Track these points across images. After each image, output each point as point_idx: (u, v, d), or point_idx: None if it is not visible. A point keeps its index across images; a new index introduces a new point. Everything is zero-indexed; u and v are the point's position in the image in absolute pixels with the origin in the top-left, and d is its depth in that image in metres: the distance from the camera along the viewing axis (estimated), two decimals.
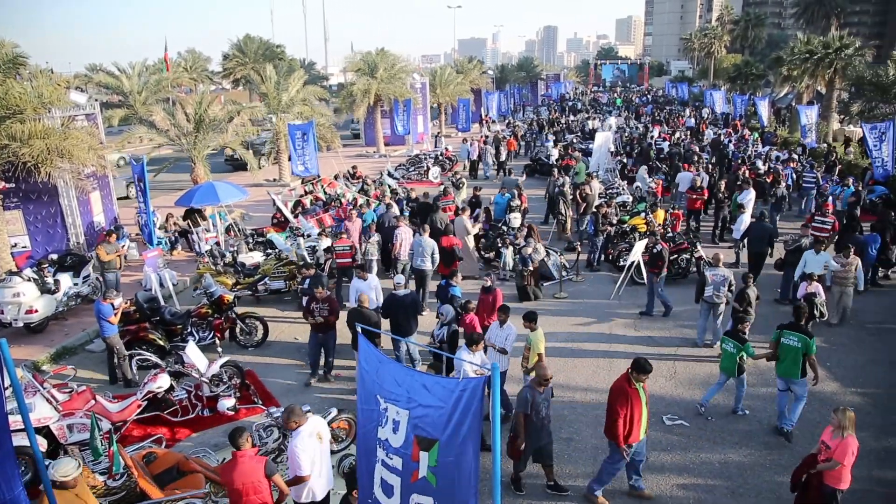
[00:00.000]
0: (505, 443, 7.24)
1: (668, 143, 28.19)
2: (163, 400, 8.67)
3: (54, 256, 13.32)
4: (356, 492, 5.40)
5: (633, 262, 13.08)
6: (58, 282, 12.11)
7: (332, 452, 6.56)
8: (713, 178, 19.30)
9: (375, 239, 13.81)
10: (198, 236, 15.36)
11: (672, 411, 8.89)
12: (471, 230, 14.45)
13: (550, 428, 7.19)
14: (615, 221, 16.09)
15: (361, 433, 5.37)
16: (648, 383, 7.04)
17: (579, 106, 58.71)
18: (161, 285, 12.89)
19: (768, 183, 18.13)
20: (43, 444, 7.13)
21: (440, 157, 28.13)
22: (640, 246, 12.87)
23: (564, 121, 41.64)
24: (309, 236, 14.56)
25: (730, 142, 27.86)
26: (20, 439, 6.47)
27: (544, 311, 11.74)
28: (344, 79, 47.32)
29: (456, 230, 13.98)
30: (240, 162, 23.86)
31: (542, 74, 74.98)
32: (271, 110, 25.43)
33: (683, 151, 24.69)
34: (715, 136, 30.04)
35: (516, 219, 15.89)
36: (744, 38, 79.40)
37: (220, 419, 8.74)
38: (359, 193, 19.46)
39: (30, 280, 11.68)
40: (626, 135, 32.57)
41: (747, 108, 40.13)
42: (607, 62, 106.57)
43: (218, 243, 15.05)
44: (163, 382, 8.51)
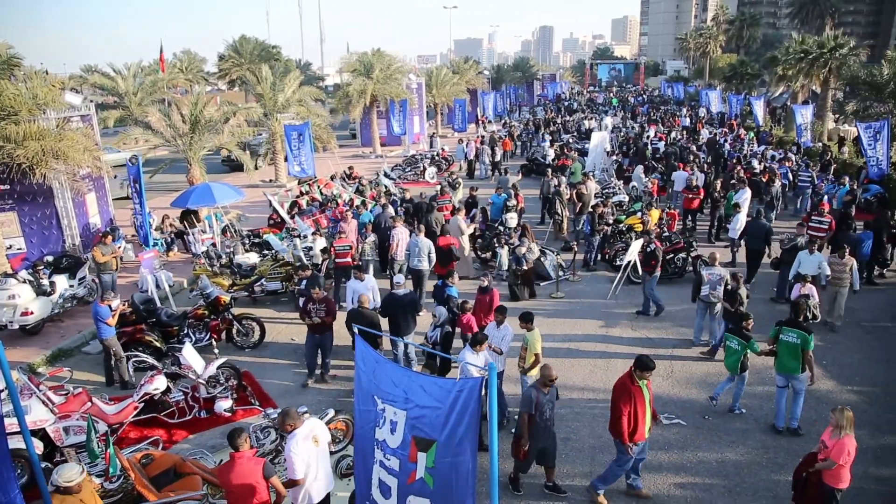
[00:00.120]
0: (509, 443, 7.26)
1: (663, 142, 28.24)
2: (159, 402, 8.66)
3: (50, 258, 13.28)
4: None
5: (629, 262, 13.09)
6: (53, 284, 12.08)
7: (330, 453, 6.54)
8: (709, 178, 19.35)
9: (371, 239, 13.81)
10: (194, 237, 15.34)
11: (669, 410, 8.89)
12: (465, 230, 14.44)
13: (554, 430, 7.18)
14: (611, 221, 16.11)
15: (359, 434, 5.37)
16: None
17: (575, 106, 58.80)
18: (157, 287, 12.85)
19: (764, 182, 18.20)
20: (39, 446, 7.10)
21: (436, 158, 28.14)
22: (636, 245, 12.88)
23: (560, 121, 41.68)
24: (304, 237, 14.56)
25: (725, 141, 27.93)
26: (16, 442, 6.45)
27: (541, 311, 11.76)
28: (340, 79, 47.25)
29: (450, 230, 13.98)
30: (237, 163, 23.83)
31: (538, 74, 75.24)
32: (267, 111, 25.39)
33: (679, 151, 24.75)
34: (711, 135, 30.11)
35: (513, 219, 15.90)
36: (739, 38, 79.71)
37: (217, 421, 8.74)
38: (355, 194, 19.46)
39: (25, 282, 11.66)
40: (622, 134, 32.64)
41: (743, 107, 40.23)
42: (603, 62, 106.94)
43: (214, 244, 15.04)
44: (159, 384, 8.49)
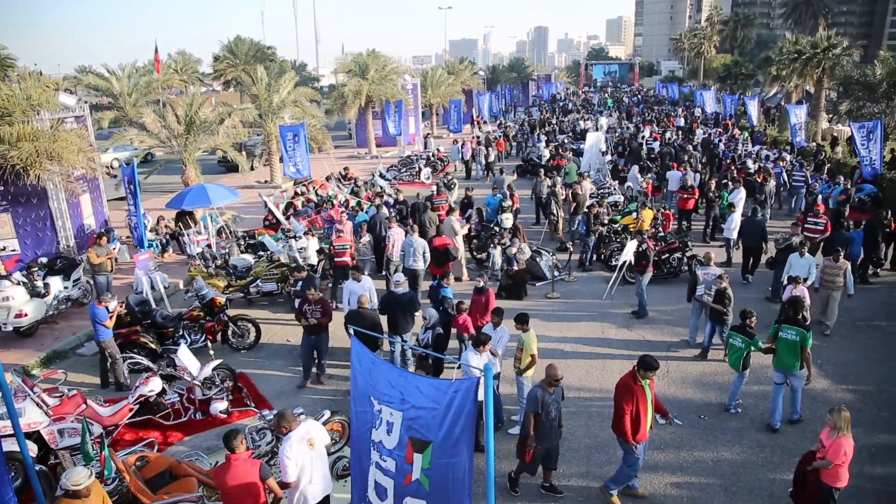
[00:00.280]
0: (505, 444, 7.25)
1: (658, 142, 28.32)
2: (155, 403, 8.64)
3: (44, 260, 13.21)
4: None
5: (624, 262, 13.12)
6: (47, 285, 12.03)
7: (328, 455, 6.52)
8: (704, 178, 19.39)
9: (367, 239, 13.80)
10: (189, 239, 15.30)
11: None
12: (459, 231, 14.42)
13: (561, 430, 7.17)
14: (607, 221, 16.14)
15: (355, 435, 5.36)
16: None
17: (570, 106, 58.88)
18: (152, 288, 12.84)
19: (758, 182, 18.25)
20: (33, 449, 7.07)
21: (432, 159, 28.13)
22: (631, 245, 12.91)
23: (556, 121, 41.72)
24: (297, 238, 14.51)
25: (720, 141, 28.02)
26: (10, 444, 6.42)
27: (537, 312, 11.76)
28: (335, 80, 47.23)
29: (444, 231, 13.97)
30: (233, 164, 23.79)
31: (533, 75, 75.14)
32: (262, 112, 25.34)
33: (674, 151, 24.80)
34: (705, 135, 30.20)
35: (508, 219, 15.90)
36: (733, 39, 79.98)
37: (213, 422, 8.71)
38: (350, 195, 19.44)
39: (19, 284, 11.61)
40: (618, 135, 32.71)
41: (737, 107, 40.36)
42: (598, 62, 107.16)
43: (209, 246, 15.00)
44: (154, 386, 8.46)
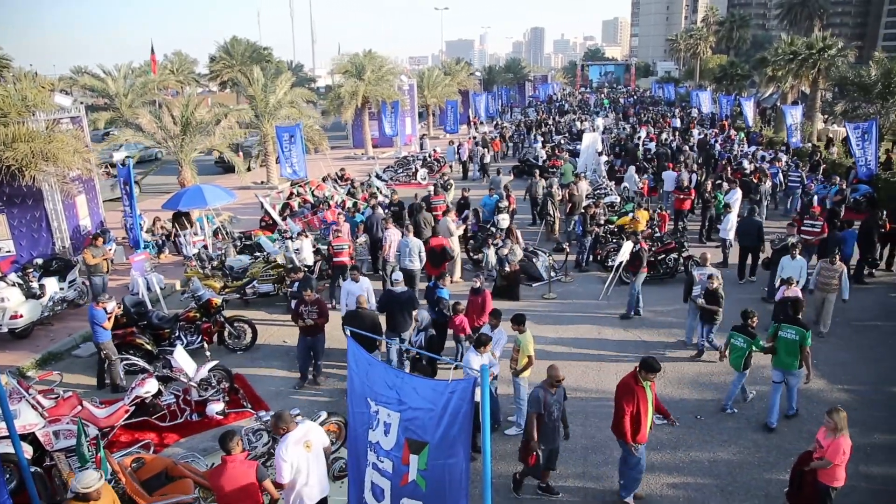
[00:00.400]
0: (502, 445, 7.24)
1: (654, 143, 28.37)
2: (151, 405, 8.61)
3: (39, 261, 13.16)
4: None
5: (621, 263, 13.14)
6: (43, 286, 11.99)
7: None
8: (700, 178, 19.43)
9: (363, 240, 13.79)
10: (185, 239, 15.26)
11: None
12: (454, 232, 14.42)
13: (563, 430, 7.18)
14: (603, 222, 16.16)
15: (352, 436, 5.35)
16: None
17: (566, 107, 58.94)
18: (148, 289, 12.78)
19: (754, 183, 18.31)
20: (28, 450, 7.04)
21: (428, 159, 28.14)
22: (627, 246, 12.93)
23: (552, 122, 41.76)
24: (292, 238, 14.49)
25: (716, 142, 28.08)
26: (5, 446, 6.41)
27: (533, 312, 11.77)
28: (331, 81, 47.16)
29: (440, 231, 13.97)
30: (230, 164, 23.75)
31: (529, 76, 75.26)
32: (259, 113, 25.30)
33: (671, 151, 24.85)
34: (701, 136, 30.27)
35: (504, 220, 15.90)
36: (729, 39, 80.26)
37: (209, 424, 8.69)
38: (347, 196, 19.42)
39: (14, 285, 11.57)
40: (614, 136, 32.76)
41: (733, 108, 40.46)
42: (594, 63, 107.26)
43: (206, 246, 14.97)
44: (150, 387, 8.44)
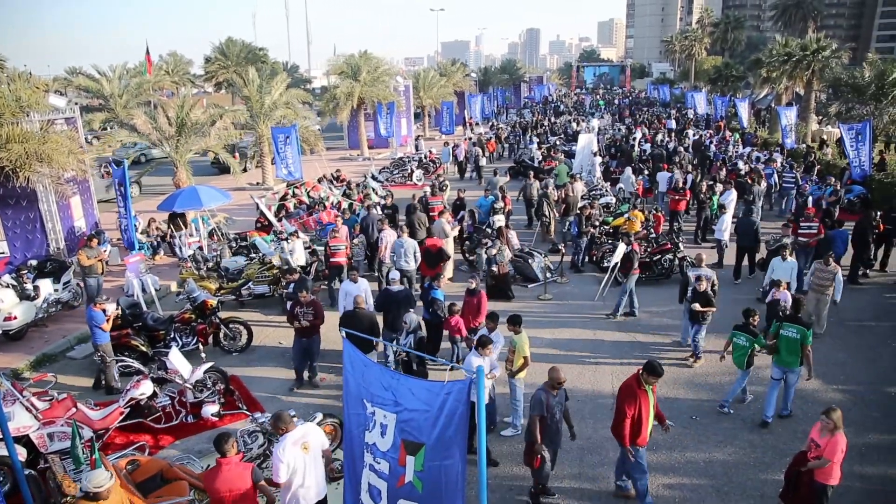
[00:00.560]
0: (500, 446, 7.24)
1: (650, 144, 28.44)
2: (146, 407, 8.58)
3: (34, 262, 13.11)
4: None
5: (616, 263, 13.16)
6: (37, 288, 11.94)
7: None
8: (695, 179, 19.48)
9: (359, 240, 13.79)
10: (180, 241, 15.23)
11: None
12: (449, 233, 14.42)
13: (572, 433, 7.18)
14: (599, 223, 16.18)
15: (348, 437, 5.35)
16: None
17: (562, 108, 59.04)
18: (143, 290, 12.76)
19: (749, 183, 18.35)
20: (22, 453, 7.01)
21: (424, 161, 28.15)
22: (622, 247, 12.96)
23: (548, 123, 41.82)
24: (287, 239, 14.45)
25: (711, 143, 28.17)
26: None
27: (529, 313, 11.76)
28: (327, 82, 47.15)
29: (435, 232, 13.98)
30: (225, 165, 23.73)
31: (525, 77, 75.28)
32: (254, 114, 25.26)
33: (666, 152, 24.91)
34: (696, 137, 30.37)
35: (500, 221, 15.92)
36: (723, 41, 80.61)
37: (205, 425, 8.67)
38: (342, 197, 19.40)
39: (8, 286, 11.52)
40: (609, 137, 32.83)
41: (728, 109, 40.59)
42: (590, 64, 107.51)
43: (201, 248, 14.93)
44: (145, 389, 8.41)
